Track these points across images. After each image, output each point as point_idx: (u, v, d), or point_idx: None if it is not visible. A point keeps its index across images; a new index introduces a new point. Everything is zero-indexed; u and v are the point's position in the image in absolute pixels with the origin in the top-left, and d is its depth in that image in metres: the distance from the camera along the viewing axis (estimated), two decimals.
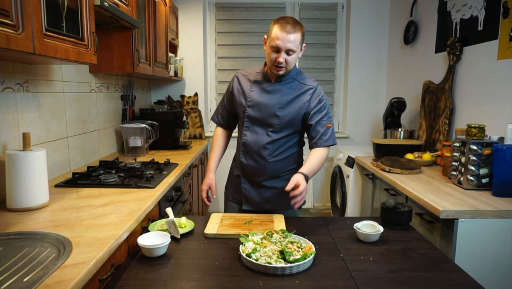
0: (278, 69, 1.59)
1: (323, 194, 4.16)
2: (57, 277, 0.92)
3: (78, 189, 1.74)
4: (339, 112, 4.18)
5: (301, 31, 1.56)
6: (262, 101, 1.66)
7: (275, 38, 1.53)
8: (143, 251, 1.23)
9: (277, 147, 1.69)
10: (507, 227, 1.63)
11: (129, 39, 2.28)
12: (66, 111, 2.05)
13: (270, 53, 1.57)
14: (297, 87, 1.67)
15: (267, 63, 1.64)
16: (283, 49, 1.53)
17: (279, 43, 1.52)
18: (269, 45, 1.57)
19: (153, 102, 3.61)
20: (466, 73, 2.56)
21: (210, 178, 1.80)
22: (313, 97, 1.66)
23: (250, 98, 1.69)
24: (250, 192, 1.77)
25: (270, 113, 1.65)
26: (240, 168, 1.76)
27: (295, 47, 1.54)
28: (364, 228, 1.42)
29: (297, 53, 1.58)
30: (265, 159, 1.69)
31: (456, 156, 2.01)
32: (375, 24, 3.91)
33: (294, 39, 1.53)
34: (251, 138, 1.69)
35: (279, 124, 1.66)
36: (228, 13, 3.94)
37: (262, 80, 1.70)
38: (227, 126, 1.88)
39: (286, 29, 1.51)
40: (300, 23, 1.58)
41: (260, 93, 1.68)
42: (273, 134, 1.67)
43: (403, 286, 1.08)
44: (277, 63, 1.56)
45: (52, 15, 1.31)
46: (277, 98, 1.65)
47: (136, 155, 2.61)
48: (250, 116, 1.69)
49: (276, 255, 1.18)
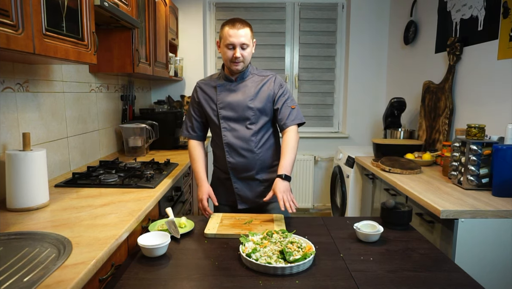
0: (236, 64, 1.70)
1: (323, 194, 4.16)
2: (57, 277, 0.92)
3: (78, 189, 1.74)
4: (339, 112, 4.18)
5: (249, 27, 1.72)
6: (232, 100, 1.76)
7: (228, 36, 1.67)
8: (143, 251, 1.23)
9: (260, 137, 1.78)
10: (507, 227, 1.63)
11: (129, 39, 2.28)
12: (66, 111, 2.05)
13: (226, 52, 1.69)
14: (259, 80, 1.80)
15: (225, 63, 1.75)
16: (238, 44, 1.67)
17: (233, 40, 1.66)
18: (224, 45, 1.70)
19: (153, 102, 3.61)
20: (466, 73, 2.56)
21: (206, 186, 1.81)
22: (276, 84, 1.79)
23: (219, 101, 1.77)
24: (242, 190, 1.83)
25: (243, 108, 1.74)
26: (229, 168, 1.81)
27: (247, 41, 1.68)
28: (364, 228, 1.42)
29: (250, 47, 1.72)
30: (252, 151, 1.77)
31: (456, 156, 2.01)
32: (375, 24, 3.91)
33: (245, 33, 1.68)
34: (233, 137, 1.77)
35: (254, 115, 1.75)
36: (228, 13, 3.94)
37: (225, 82, 1.79)
38: (200, 138, 1.90)
39: (236, 26, 1.66)
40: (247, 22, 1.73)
41: (228, 93, 1.77)
42: (252, 126, 1.76)
43: (403, 286, 1.08)
44: (234, 59, 1.68)
45: (52, 15, 1.31)
46: (245, 93, 1.76)
47: (136, 155, 2.60)
48: (225, 117, 1.77)
49: (276, 255, 1.18)
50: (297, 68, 4.05)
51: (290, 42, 4.02)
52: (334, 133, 4.13)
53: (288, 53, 4.03)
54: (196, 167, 1.84)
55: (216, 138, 1.84)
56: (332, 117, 4.18)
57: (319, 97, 4.10)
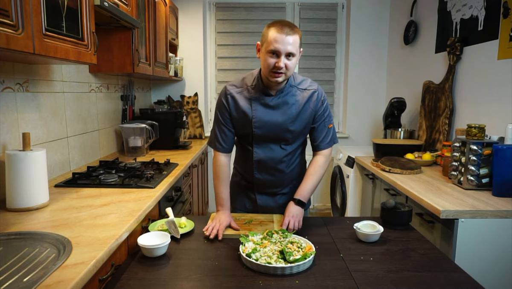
0: (277, 75, 1.43)
1: (323, 194, 4.16)
2: (57, 277, 0.92)
3: (78, 189, 1.74)
4: (339, 112, 4.18)
5: (299, 33, 1.45)
6: (270, 119, 1.55)
7: (273, 41, 1.39)
8: (143, 251, 1.23)
9: (291, 157, 1.65)
10: (507, 227, 1.63)
11: (129, 39, 2.28)
12: (66, 111, 2.05)
13: (267, 58, 1.42)
14: (301, 95, 1.57)
15: (263, 71, 1.48)
16: (283, 53, 1.40)
17: (279, 46, 1.38)
18: (266, 51, 1.42)
19: (153, 102, 3.62)
20: (466, 73, 2.56)
21: (227, 215, 1.53)
22: (318, 100, 1.59)
23: (256, 119, 1.55)
24: (266, 201, 1.72)
25: (282, 130, 1.56)
26: (255, 183, 1.69)
27: (295, 50, 1.41)
28: (364, 228, 1.42)
29: (296, 58, 1.45)
30: (283, 172, 1.64)
31: (456, 156, 2.01)
32: (375, 24, 3.91)
33: (294, 41, 1.40)
34: (265, 155, 1.61)
35: (292, 138, 1.60)
36: (228, 13, 3.94)
37: (261, 95, 1.55)
38: (229, 151, 1.66)
39: (285, 31, 1.39)
40: (297, 26, 1.47)
41: (264, 110, 1.55)
42: (288, 147, 1.62)
43: (403, 286, 1.08)
44: (276, 68, 1.41)
45: (52, 15, 1.31)
46: (285, 113, 1.55)
47: (136, 155, 2.61)
48: (260, 136, 1.58)
49: (276, 255, 1.18)
50: (297, 68, 4.05)
51: None
52: None
53: None
54: (221, 189, 1.60)
55: (245, 150, 1.66)
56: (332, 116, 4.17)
57: None
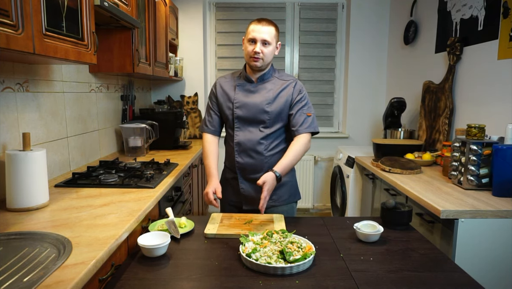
0: (255, 60, 1.69)
1: (323, 194, 4.16)
2: (57, 277, 0.92)
3: (78, 189, 1.74)
4: (339, 112, 4.18)
5: (275, 27, 1.72)
6: (249, 101, 1.75)
7: (251, 31, 1.69)
8: (143, 251, 1.23)
9: (271, 141, 1.77)
10: (507, 227, 1.63)
11: (129, 39, 2.28)
12: (66, 111, 2.05)
13: (247, 46, 1.71)
14: (279, 83, 1.78)
15: (245, 58, 1.75)
16: (259, 40, 1.67)
17: (255, 34, 1.67)
18: (246, 40, 1.72)
19: (153, 102, 3.61)
20: (466, 73, 2.56)
21: (215, 182, 1.75)
22: (295, 89, 1.77)
23: (236, 100, 1.77)
24: (248, 191, 1.81)
25: (259, 110, 1.74)
26: (237, 168, 1.81)
27: (269, 38, 1.68)
28: (364, 228, 1.42)
29: (272, 46, 1.71)
30: (261, 154, 1.76)
31: (456, 156, 2.01)
32: (375, 24, 3.91)
33: (269, 31, 1.68)
34: (244, 137, 1.76)
35: (269, 119, 1.74)
36: (228, 13, 3.94)
37: (244, 82, 1.79)
38: (216, 132, 1.88)
39: (261, 23, 1.68)
40: (275, 22, 1.73)
41: (245, 94, 1.77)
42: (266, 130, 1.76)
43: (403, 286, 1.08)
44: (253, 53, 1.67)
45: (52, 15, 1.31)
46: (263, 96, 1.75)
47: (136, 155, 2.60)
48: (239, 117, 1.77)
49: (276, 255, 1.18)
50: (297, 68, 4.05)
51: (290, 42, 4.02)
52: (334, 133, 4.13)
53: (288, 53, 4.03)
54: (208, 162, 1.81)
55: (229, 136, 1.84)
56: (332, 117, 4.18)
57: (319, 97, 4.10)
